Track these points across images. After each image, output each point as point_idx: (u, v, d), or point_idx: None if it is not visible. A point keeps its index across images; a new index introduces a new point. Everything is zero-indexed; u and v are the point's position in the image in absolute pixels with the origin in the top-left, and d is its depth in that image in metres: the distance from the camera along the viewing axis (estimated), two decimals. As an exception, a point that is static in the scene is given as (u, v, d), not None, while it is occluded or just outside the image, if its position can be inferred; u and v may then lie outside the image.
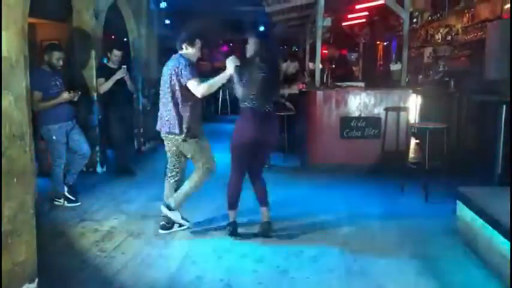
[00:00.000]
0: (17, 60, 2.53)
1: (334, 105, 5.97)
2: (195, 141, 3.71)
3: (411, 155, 6.25)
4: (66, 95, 4.50)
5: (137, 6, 7.30)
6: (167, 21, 10.67)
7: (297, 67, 8.57)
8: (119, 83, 5.54)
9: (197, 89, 3.53)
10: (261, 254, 3.43)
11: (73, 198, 4.60)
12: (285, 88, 6.84)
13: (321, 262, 3.30)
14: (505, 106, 4.70)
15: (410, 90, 6.19)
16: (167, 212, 3.73)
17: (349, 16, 10.86)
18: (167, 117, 3.66)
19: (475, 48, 7.12)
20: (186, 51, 3.69)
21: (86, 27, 5.67)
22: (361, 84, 6.67)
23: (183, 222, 3.80)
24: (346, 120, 5.94)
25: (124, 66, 5.55)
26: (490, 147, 4.95)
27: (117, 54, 5.56)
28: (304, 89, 7.09)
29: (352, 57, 12.69)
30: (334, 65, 9.65)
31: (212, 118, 11.13)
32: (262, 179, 3.82)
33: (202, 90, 3.53)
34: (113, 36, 8.79)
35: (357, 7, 9.53)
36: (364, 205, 4.60)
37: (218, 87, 3.66)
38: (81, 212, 4.38)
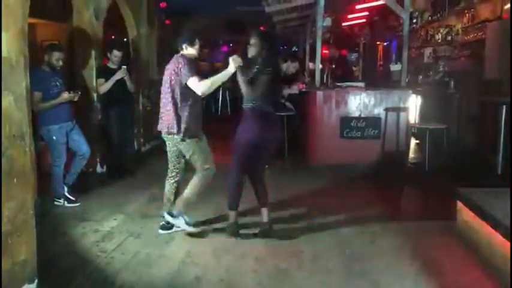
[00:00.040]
0: (17, 60, 2.53)
1: (334, 106, 5.96)
2: (195, 141, 3.70)
3: (411, 155, 6.25)
4: (66, 95, 4.51)
5: (137, 6, 7.30)
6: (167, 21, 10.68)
7: (297, 67, 8.56)
8: (119, 83, 5.54)
9: (198, 86, 3.52)
10: (261, 254, 3.43)
11: (73, 199, 4.60)
12: (285, 88, 6.84)
13: (321, 262, 3.30)
14: (505, 106, 4.70)
15: (411, 91, 6.19)
16: (170, 219, 3.73)
17: (349, 16, 10.86)
18: (167, 117, 3.66)
19: (475, 48, 7.12)
20: (186, 51, 3.70)
21: (86, 27, 5.67)
22: (361, 84, 6.66)
23: (186, 227, 3.78)
24: (346, 121, 5.94)
25: (124, 66, 5.54)
26: (490, 147, 4.96)
27: (117, 54, 5.55)
28: (304, 89, 7.09)
29: (352, 57, 12.70)
30: (334, 65, 9.66)
31: (212, 118, 11.12)
32: (262, 179, 3.82)
33: (203, 87, 3.53)
34: (113, 36, 8.80)
35: (357, 7, 9.54)
36: (364, 205, 4.59)
37: (218, 85, 3.66)
38: (81, 212, 4.38)
